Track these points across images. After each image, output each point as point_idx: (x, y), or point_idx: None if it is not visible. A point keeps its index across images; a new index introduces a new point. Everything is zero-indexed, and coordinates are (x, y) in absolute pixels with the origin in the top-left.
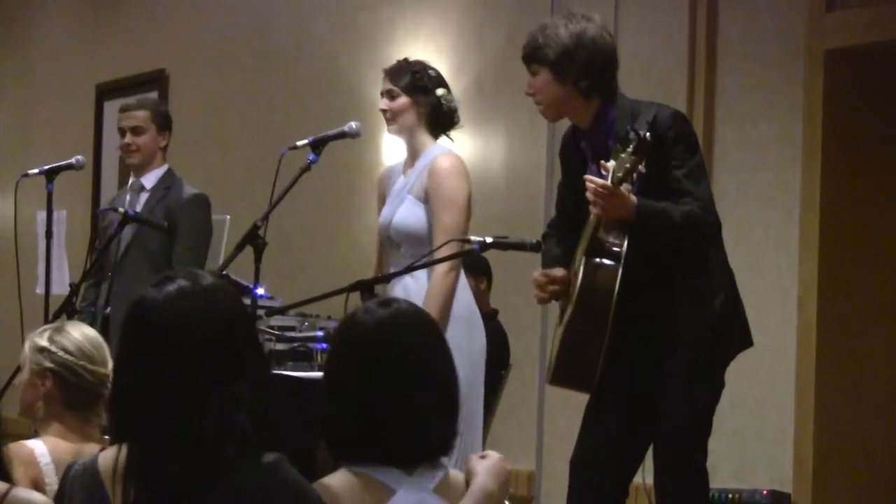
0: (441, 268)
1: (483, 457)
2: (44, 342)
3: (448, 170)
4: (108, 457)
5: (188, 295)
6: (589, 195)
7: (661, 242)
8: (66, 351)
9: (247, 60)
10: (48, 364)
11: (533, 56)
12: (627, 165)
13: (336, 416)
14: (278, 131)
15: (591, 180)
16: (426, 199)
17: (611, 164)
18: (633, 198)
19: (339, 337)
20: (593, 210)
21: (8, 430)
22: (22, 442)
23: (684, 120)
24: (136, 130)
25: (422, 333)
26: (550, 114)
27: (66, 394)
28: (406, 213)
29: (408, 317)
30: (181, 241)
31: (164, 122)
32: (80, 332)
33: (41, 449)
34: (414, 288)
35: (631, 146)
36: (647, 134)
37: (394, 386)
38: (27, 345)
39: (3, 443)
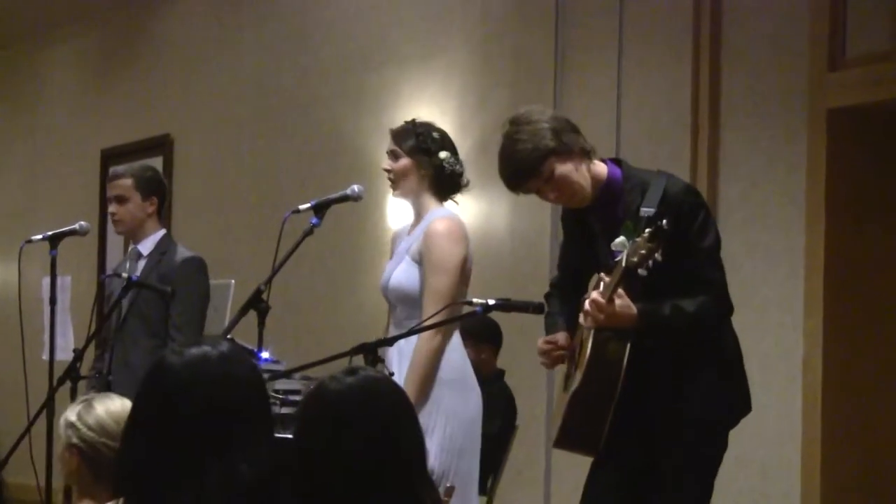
0: (426, 332)
1: None
2: (73, 417)
3: (441, 233)
4: None
5: (206, 362)
6: (586, 306)
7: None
8: (88, 427)
9: (251, 124)
10: (74, 440)
11: (532, 166)
12: (643, 252)
13: (309, 482)
14: (283, 195)
15: (592, 298)
16: (420, 260)
17: (621, 239)
18: (634, 309)
19: (309, 406)
20: (584, 323)
21: (12, 496)
22: None
23: (696, 194)
24: (120, 199)
25: (388, 400)
26: (579, 199)
27: (93, 468)
28: (401, 274)
29: (375, 384)
30: (175, 306)
31: (150, 188)
32: (104, 409)
33: None
34: (406, 350)
35: (647, 232)
36: (665, 222)
37: (364, 451)
38: (62, 417)
39: None
